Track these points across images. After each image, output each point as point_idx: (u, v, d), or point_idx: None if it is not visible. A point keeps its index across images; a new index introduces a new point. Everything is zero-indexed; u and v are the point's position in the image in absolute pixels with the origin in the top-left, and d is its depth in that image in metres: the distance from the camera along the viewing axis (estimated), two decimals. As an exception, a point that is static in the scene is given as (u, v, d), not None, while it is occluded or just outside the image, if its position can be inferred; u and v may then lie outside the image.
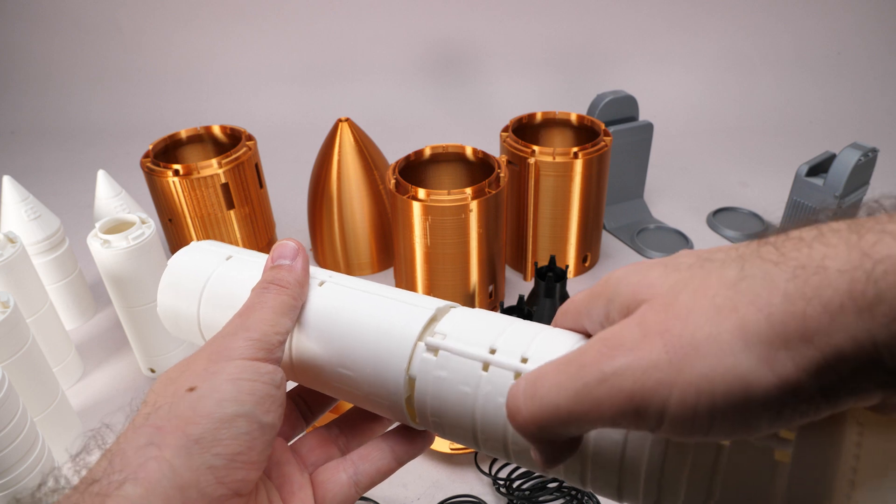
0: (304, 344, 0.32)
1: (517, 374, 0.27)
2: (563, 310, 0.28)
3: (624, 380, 0.20)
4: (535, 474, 0.61)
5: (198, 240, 0.88)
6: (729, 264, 0.21)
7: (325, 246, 0.96)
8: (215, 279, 0.36)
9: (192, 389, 0.26)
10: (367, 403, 0.32)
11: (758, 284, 0.19)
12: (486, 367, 0.27)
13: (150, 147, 0.89)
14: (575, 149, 0.84)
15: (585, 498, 0.60)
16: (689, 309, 0.20)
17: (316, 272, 0.35)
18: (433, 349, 0.29)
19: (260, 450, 0.27)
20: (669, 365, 0.19)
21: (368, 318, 0.31)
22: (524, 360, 0.27)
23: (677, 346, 0.19)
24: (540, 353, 0.27)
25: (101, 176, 0.84)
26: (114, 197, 0.84)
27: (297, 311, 0.32)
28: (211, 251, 0.39)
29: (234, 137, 0.93)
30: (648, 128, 1.01)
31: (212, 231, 0.88)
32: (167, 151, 0.93)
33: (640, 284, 0.23)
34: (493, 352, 0.28)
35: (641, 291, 0.22)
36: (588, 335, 0.27)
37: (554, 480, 0.60)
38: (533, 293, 0.86)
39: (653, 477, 0.24)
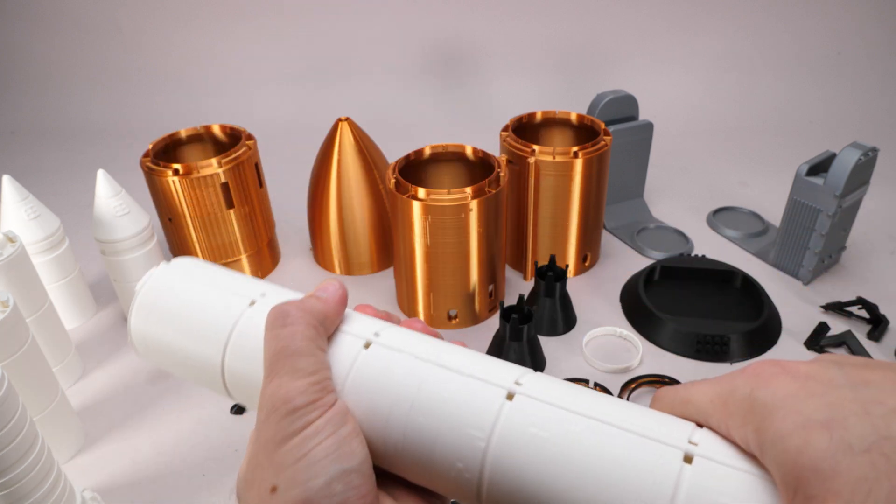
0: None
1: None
2: (681, 398, 0.26)
3: None
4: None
5: (198, 239, 0.89)
6: None
7: (324, 246, 0.96)
8: (244, 327, 0.30)
9: (273, 490, 0.25)
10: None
11: None
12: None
13: (150, 146, 0.89)
14: (575, 148, 0.84)
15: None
16: None
17: (360, 327, 0.30)
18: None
19: (363, 483, 0.26)
20: None
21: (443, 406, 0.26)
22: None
23: None
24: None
25: (101, 176, 0.84)
26: (113, 196, 0.83)
27: (319, 334, 0.28)
28: (205, 276, 0.33)
29: (234, 137, 0.93)
30: (648, 127, 1.01)
31: (212, 230, 0.88)
32: (167, 151, 0.93)
33: (813, 461, 0.19)
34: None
35: (812, 475, 0.19)
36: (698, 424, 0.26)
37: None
38: (533, 293, 0.86)
39: None
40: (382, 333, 0.30)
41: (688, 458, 0.23)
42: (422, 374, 0.27)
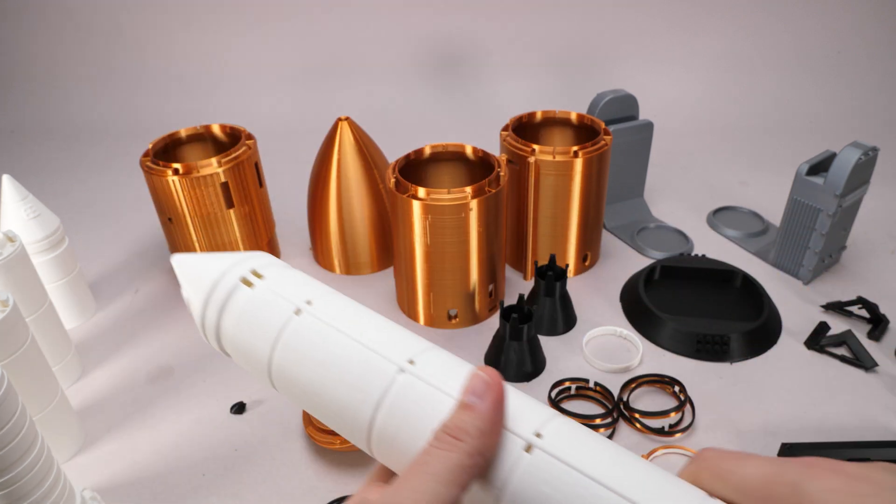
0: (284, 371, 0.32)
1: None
2: (707, 467, 0.25)
3: None
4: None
5: (197, 239, 0.88)
6: None
7: (324, 245, 0.96)
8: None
9: None
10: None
11: None
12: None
13: (150, 146, 0.89)
14: (575, 148, 0.84)
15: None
16: None
17: (295, 292, 0.32)
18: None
19: None
20: None
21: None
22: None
23: None
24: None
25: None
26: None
27: (473, 471, 0.26)
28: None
29: (234, 136, 0.93)
30: (648, 127, 1.01)
31: (212, 230, 0.88)
32: (167, 150, 0.93)
33: None
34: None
35: None
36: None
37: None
38: (533, 292, 0.86)
39: None
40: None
41: None
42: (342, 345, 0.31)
